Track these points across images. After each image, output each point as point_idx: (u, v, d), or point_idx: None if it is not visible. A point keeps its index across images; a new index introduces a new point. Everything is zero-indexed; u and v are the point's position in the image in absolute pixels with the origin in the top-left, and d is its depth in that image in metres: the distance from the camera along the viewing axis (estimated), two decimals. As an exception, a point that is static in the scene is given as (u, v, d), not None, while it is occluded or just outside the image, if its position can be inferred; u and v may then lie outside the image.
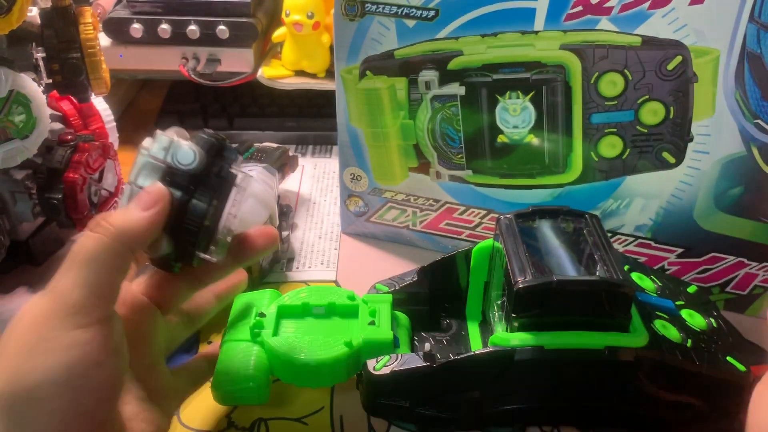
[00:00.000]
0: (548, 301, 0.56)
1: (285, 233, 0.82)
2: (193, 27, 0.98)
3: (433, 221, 0.82)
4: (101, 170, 0.78)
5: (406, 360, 0.59)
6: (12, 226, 0.76)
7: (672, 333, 0.60)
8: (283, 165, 0.88)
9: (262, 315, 0.63)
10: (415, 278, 0.68)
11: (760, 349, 0.66)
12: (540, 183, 0.75)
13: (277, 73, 1.02)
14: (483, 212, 0.79)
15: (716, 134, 0.67)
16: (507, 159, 0.74)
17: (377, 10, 0.70)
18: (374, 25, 0.71)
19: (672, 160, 0.70)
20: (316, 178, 0.99)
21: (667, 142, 0.69)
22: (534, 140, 0.72)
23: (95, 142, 0.78)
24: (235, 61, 1.01)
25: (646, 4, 0.64)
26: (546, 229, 0.62)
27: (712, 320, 0.65)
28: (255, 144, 0.90)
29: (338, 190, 0.85)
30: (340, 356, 0.60)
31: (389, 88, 0.73)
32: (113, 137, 0.88)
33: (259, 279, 0.78)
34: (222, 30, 0.98)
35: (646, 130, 0.69)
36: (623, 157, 0.71)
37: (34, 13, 0.73)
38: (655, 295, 0.66)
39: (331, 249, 0.86)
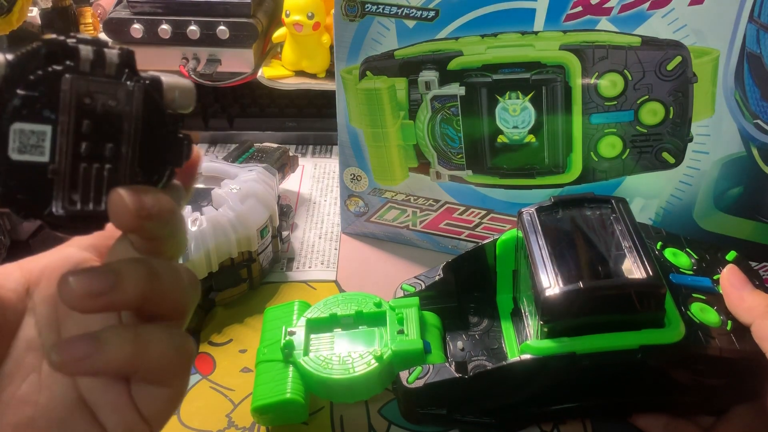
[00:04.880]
0: (577, 307, 0.55)
1: (285, 233, 0.82)
2: (193, 27, 0.98)
3: (433, 221, 0.82)
4: (101, 170, 0.78)
5: (439, 371, 0.59)
6: (12, 226, 0.76)
7: (710, 317, 0.58)
8: (283, 165, 0.88)
9: (291, 333, 0.64)
10: (441, 275, 0.68)
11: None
12: (540, 183, 0.75)
13: (277, 74, 1.02)
14: (483, 212, 0.79)
15: (716, 134, 0.68)
16: (507, 159, 0.74)
17: (377, 11, 0.70)
18: (374, 25, 0.71)
19: (672, 160, 0.70)
20: (316, 178, 0.99)
21: (666, 143, 0.69)
22: (534, 140, 0.72)
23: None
24: (236, 62, 1.02)
25: (646, 5, 0.64)
26: (570, 221, 0.61)
27: None
28: (255, 144, 0.90)
29: (338, 190, 0.86)
30: (372, 372, 0.60)
31: (389, 89, 0.73)
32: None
33: (259, 279, 0.78)
34: (222, 30, 0.98)
35: (645, 131, 0.69)
36: (623, 157, 0.71)
37: (34, 13, 0.73)
38: (690, 273, 0.63)
39: (331, 249, 0.86)
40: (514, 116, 0.71)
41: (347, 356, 0.61)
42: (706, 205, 0.71)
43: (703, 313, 0.58)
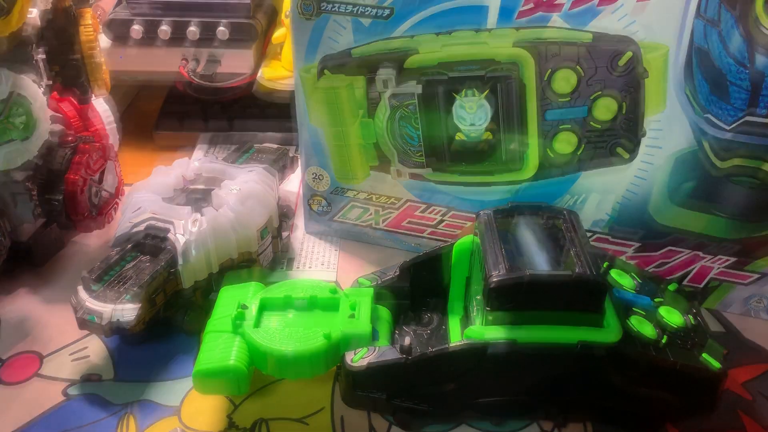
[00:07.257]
0: (521, 295, 0.57)
1: (285, 234, 0.83)
2: (193, 28, 0.99)
3: (396, 219, 0.82)
4: (102, 171, 0.80)
5: (383, 353, 0.61)
6: (13, 228, 0.77)
7: (647, 329, 0.60)
8: (283, 166, 0.88)
9: (244, 307, 0.64)
10: (397, 273, 0.69)
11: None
12: (498, 180, 0.75)
13: (276, 74, 1.02)
14: (444, 210, 0.79)
15: (668, 129, 0.67)
16: (465, 157, 0.74)
17: (333, 9, 0.71)
18: (330, 23, 0.72)
19: (626, 155, 0.70)
20: (315, 177, 0.99)
21: (620, 138, 0.69)
22: (491, 137, 0.72)
23: (95, 143, 0.80)
24: (235, 62, 1.02)
25: (596, 1, 0.64)
26: (524, 225, 0.63)
27: (690, 318, 0.64)
28: (255, 144, 0.90)
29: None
30: (319, 348, 0.61)
31: (347, 87, 0.74)
32: (114, 138, 0.89)
33: (259, 279, 0.78)
34: (222, 31, 0.99)
35: (599, 126, 0.69)
36: (578, 153, 0.71)
37: (34, 14, 0.74)
38: (632, 292, 0.66)
39: (331, 249, 0.86)
40: (471, 113, 0.72)
41: (296, 333, 0.62)
42: (660, 199, 0.71)
43: (640, 324, 0.61)
